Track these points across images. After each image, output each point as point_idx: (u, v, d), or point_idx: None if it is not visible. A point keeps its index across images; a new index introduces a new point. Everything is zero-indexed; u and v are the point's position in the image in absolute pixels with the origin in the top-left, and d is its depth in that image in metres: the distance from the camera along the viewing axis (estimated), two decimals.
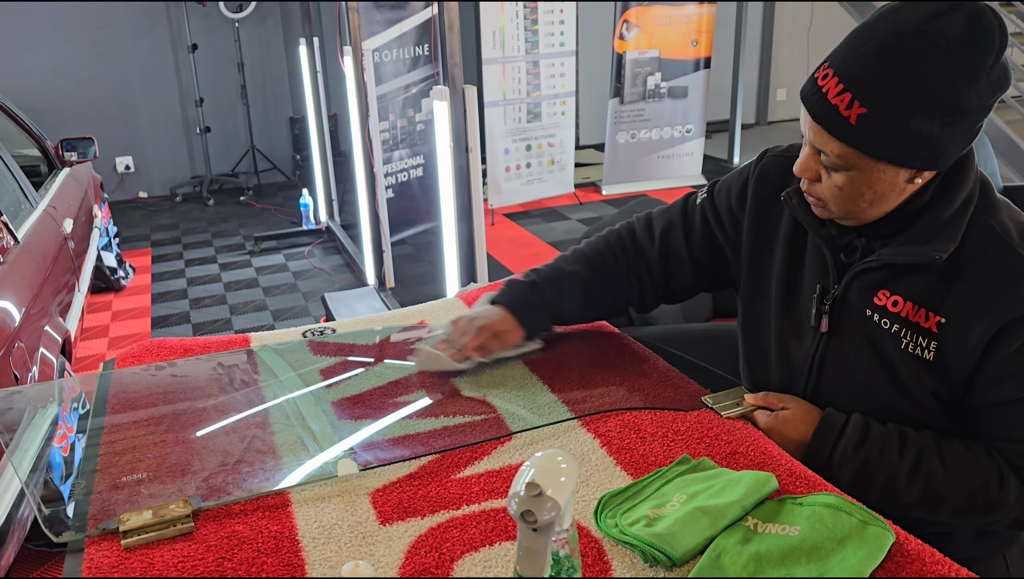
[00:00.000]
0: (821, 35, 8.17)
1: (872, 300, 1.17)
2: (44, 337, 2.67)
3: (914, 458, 1.14)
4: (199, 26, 6.65)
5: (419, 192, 5.02)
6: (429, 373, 1.48)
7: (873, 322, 1.17)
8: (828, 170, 1.12)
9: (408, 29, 4.64)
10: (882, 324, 1.16)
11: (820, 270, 1.24)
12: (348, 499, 1.13)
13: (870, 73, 1.03)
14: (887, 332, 1.16)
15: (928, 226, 1.12)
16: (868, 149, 1.06)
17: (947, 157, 1.08)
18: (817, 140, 1.10)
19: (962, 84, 1.02)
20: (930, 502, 1.14)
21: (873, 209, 1.13)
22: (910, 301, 1.13)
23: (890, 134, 1.04)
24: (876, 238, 1.18)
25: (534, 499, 0.77)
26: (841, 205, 1.13)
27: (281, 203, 6.68)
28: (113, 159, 6.77)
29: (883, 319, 1.16)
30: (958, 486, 1.13)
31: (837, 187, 1.11)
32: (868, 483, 1.16)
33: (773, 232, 1.32)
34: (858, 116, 1.04)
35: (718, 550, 0.97)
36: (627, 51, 6.09)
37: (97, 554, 1.03)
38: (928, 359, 1.12)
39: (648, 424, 1.28)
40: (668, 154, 6.52)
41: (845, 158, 1.08)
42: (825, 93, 1.07)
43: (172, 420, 1.33)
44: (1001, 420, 1.12)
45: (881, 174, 1.08)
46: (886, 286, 1.16)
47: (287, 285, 4.92)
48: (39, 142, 4.06)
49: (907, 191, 1.12)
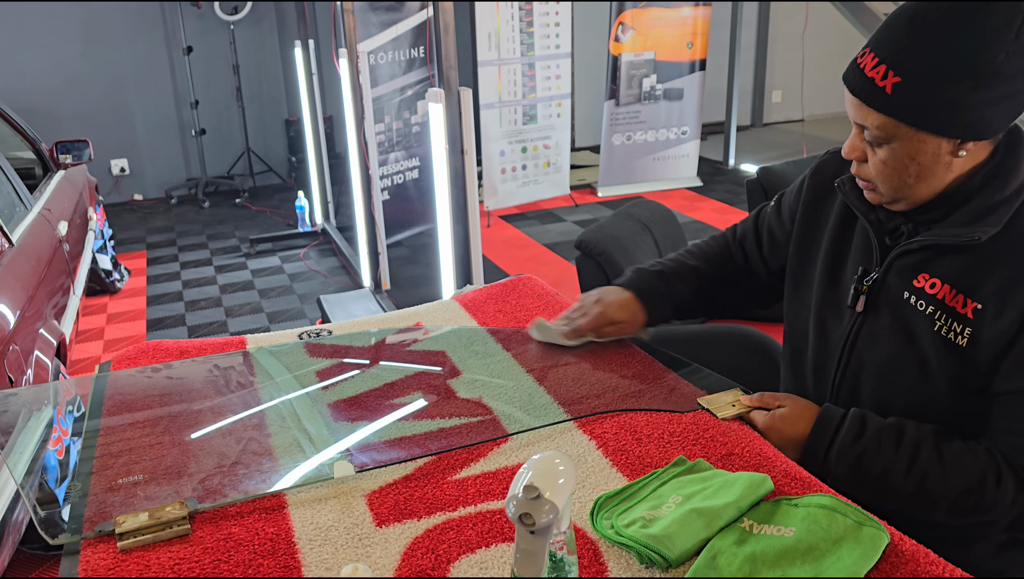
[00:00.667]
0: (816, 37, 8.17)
1: (911, 282, 1.17)
2: (39, 340, 2.66)
3: (911, 452, 1.14)
4: (194, 28, 6.65)
5: (415, 194, 5.02)
6: (425, 375, 1.48)
7: (909, 305, 1.17)
8: (872, 147, 1.14)
9: (403, 31, 4.64)
10: (918, 306, 1.16)
11: (864, 253, 1.25)
12: (344, 501, 1.13)
13: (901, 42, 1.07)
14: (922, 313, 1.16)
15: (975, 210, 1.12)
16: (905, 117, 1.08)
17: (986, 125, 1.08)
18: (858, 116, 1.12)
19: (989, 44, 1.02)
20: (926, 497, 1.14)
21: (920, 185, 1.13)
22: (948, 284, 1.13)
23: (924, 100, 1.06)
24: (923, 223, 1.19)
25: (532, 502, 0.77)
26: (888, 181, 1.14)
27: (277, 205, 6.68)
28: (108, 161, 6.76)
29: (919, 301, 1.16)
30: (954, 482, 1.12)
31: (882, 162, 1.13)
32: (864, 476, 1.16)
33: (824, 221, 1.34)
34: (893, 85, 1.07)
35: (714, 551, 0.97)
36: (622, 53, 6.10)
37: (93, 556, 1.03)
38: (960, 345, 1.12)
39: (644, 426, 1.28)
40: (664, 156, 6.53)
41: (885, 129, 1.10)
42: (862, 69, 1.10)
43: (168, 422, 1.33)
44: (1011, 411, 1.11)
45: (922, 145, 1.09)
46: (926, 269, 1.16)
47: (283, 287, 4.92)
48: (34, 145, 4.05)
49: (954, 167, 1.11)
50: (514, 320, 1.72)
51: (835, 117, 9.03)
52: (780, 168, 3.43)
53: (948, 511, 1.14)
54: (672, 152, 6.54)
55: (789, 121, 8.84)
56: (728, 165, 7.28)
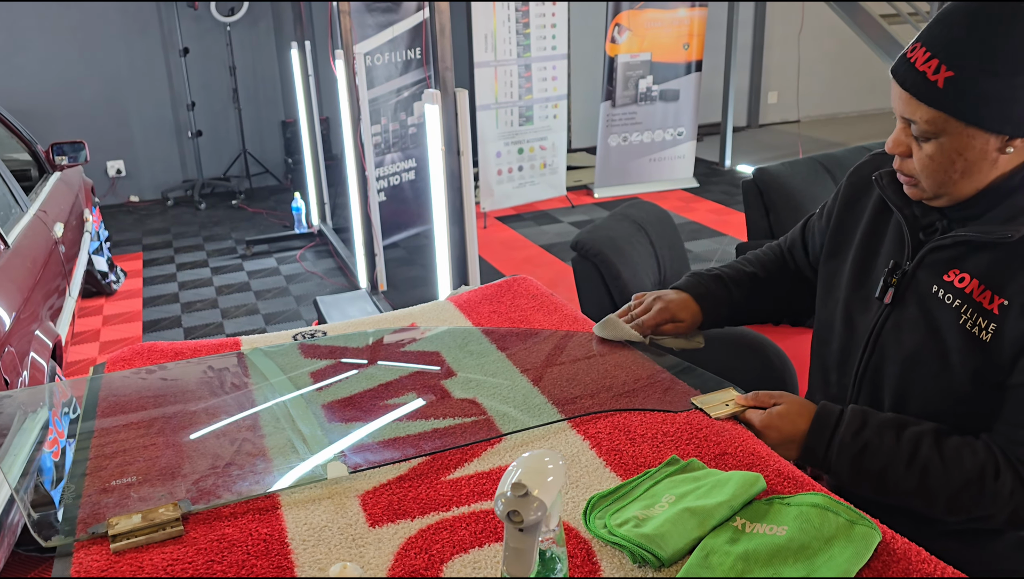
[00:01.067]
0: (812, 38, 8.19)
1: (941, 277, 1.18)
2: (34, 341, 2.66)
3: (912, 447, 1.15)
4: (190, 29, 6.65)
5: (411, 195, 5.02)
6: (419, 375, 1.48)
7: (937, 298, 1.18)
8: (919, 141, 1.13)
9: (400, 33, 4.64)
10: (945, 299, 1.17)
11: (896, 247, 1.26)
12: (338, 501, 1.13)
13: (955, 37, 1.06)
14: (948, 307, 1.16)
15: (1011, 208, 1.13)
16: (956, 111, 1.08)
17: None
18: (906, 109, 1.12)
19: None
20: (926, 492, 1.14)
21: (964, 181, 1.13)
22: (976, 280, 1.14)
23: (976, 95, 1.06)
24: (959, 220, 1.19)
25: (520, 499, 0.77)
26: (932, 177, 1.14)
27: (273, 207, 6.68)
28: (104, 163, 6.75)
29: (947, 294, 1.16)
30: (954, 476, 1.13)
31: (928, 157, 1.13)
32: (866, 471, 1.17)
33: (859, 217, 1.35)
34: (945, 79, 1.07)
35: (706, 550, 0.98)
36: (619, 54, 6.11)
37: (86, 558, 1.03)
38: (984, 340, 1.12)
39: (637, 425, 1.28)
40: (660, 157, 6.53)
41: (934, 123, 1.10)
42: (913, 63, 1.10)
43: (162, 424, 1.33)
44: (1017, 404, 1.12)
45: (971, 140, 1.09)
46: (957, 264, 1.17)
47: (279, 289, 4.92)
48: (30, 146, 4.04)
49: (999, 164, 1.12)
50: (509, 321, 1.73)
51: (831, 118, 9.05)
52: (776, 169, 3.44)
53: (947, 505, 1.15)
54: (668, 153, 6.54)
55: (785, 122, 8.85)
56: (724, 166, 7.29)
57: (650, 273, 2.78)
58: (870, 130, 8.11)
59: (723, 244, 5.31)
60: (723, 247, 5.24)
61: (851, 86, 8.93)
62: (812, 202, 3.39)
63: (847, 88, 8.94)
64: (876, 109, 9.18)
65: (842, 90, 8.96)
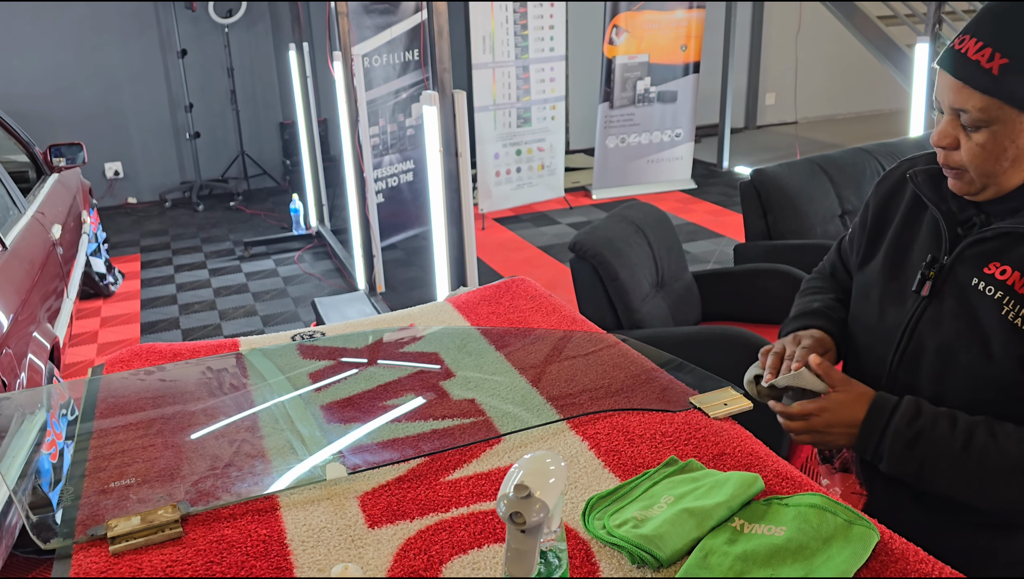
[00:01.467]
0: (810, 39, 8.21)
1: (982, 270, 1.18)
2: (32, 343, 2.66)
3: (966, 434, 1.14)
4: (188, 31, 6.64)
5: (409, 197, 5.02)
6: (418, 376, 1.48)
7: (977, 290, 1.18)
8: (968, 132, 1.13)
9: (398, 34, 4.65)
10: (986, 291, 1.17)
11: (933, 242, 1.26)
12: (337, 502, 1.13)
13: (1010, 26, 1.08)
14: (990, 298, 1.16)
15: None
16: (1010, 98, 1.09)
17: None
18: (958, 99, 1.12)
19: None
20: (980, 478, 1.13)
21: (1013, 171, 1.14)
22: (1018, 272, 1.14)
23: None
24: (998, 214, 1.19)
25: (523, 501, 0.77)
26: (981, 166, 1.14)
27: (271, 208, 6.67)
28: (102, 165, 6.75)
29: (988, 287, 1.17)
30: (1007, 460, 1.12)
31: (979, 146, 1.13)
32: (919, 458, 1.16)
33: (891, 217, 1.36)
34: (1000, 67, 1.08)
35: (705, 551, 0.98)
36: (616, 56, 6.11)
37: (85, 560, 1.02)
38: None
39: (636, 426, 1.29)
40: (658, 158, 6.54)
41: (988, 111, 1.10)
42: (965, 53, 1.11)
43: (161, 425, 1.33)
44: None
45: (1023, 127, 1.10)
46: (998, 257, 1.17)
47: (277, 290, 4.92)
48: (27, 148, 4.04)
49: None
50: (507, 322, 1.73)
51: (828, 119, 9.06)
52: (773, 170, 3.45)
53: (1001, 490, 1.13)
54: (666, 154, 6.55)
55: (783, 123, 8.86)
56: (722, 167, 7.29)
57: (648, 274, 2.78)
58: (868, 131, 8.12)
59: (721, 245, 5.31)
60: (721, 248, 5.25)
61: (849, 88, 8.94)
62: (809, 203, 3.40)
63: (845, 90, 8.95)
64: (874, 110, 9.19)
65: (840, 92, 8.97)
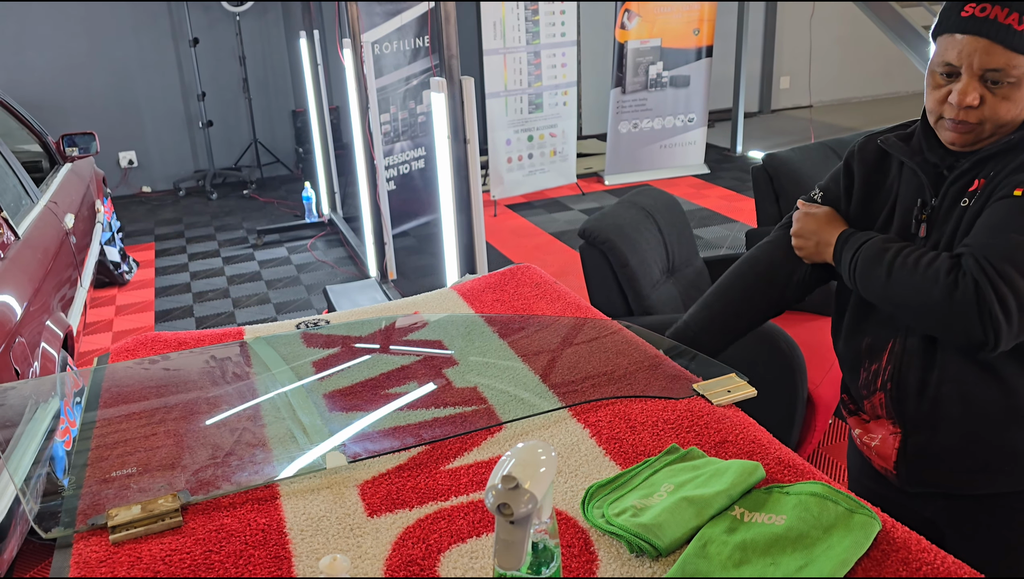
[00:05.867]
0: (824, 22, 8.11)
1: (967, 191, 1.28)
2: (45, 332, 2.67)
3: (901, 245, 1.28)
4: (200, 20, 6.65)
5: (421, 184, 5.01)
6: (421, 364, 1.48)
7: (964, 208, 1.27)
8: (992, 91, 1.22)
9: (408, 21, 4.63)
10: (972, 206, 1.26)
11: (916, 189, 1.34)
12: (337, 491, 1.13)
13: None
14: (974, 210, 1.25)
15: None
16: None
17: None
18: (990, 61, 1.20)
19: None
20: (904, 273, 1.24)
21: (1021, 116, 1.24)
22: (983, 179, 1.25)
23: None
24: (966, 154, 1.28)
25: (511, 492, 0.77)
26: (1003, 117, 1.23)
27: (284, 196, 6.68)
28: (116, 154, 6.77)
29: (970, 201, 1.27)
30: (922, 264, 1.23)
31: (1006, 100, 1.22)
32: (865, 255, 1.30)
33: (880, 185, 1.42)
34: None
35: (704, 540, 0.97)
36: (628, 40, 6.06)
37: (85, 549, 1.03)
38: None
39: (638, 413, 1.28)
40: (670, 143, 6.49)
41: (1021, 67, 1.20)
42: (994, 19, 1.19)
43: (163, 414, 1.34)
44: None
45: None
46: (978, 175, 1.27)
47: (290, 278, 4.93)
48: (40, 138, 4.06)
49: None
50: (512, 309, 1.72)
51: (844, 103, 8.97)
52: (786, 155, 3.41)
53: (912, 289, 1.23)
54: (679, 139, 6.50)
55: (797, 107, 8.78)
56: (735, 152, 7.23)
57: (658, 260, 2.77)
58: (884, 115, 8.03)
59: (734, 230, 5.28)
60: (734, 233, 5.21)
61: (864, 71, 8.84)
62: None
63: (860, 73, 8.85)
64: (890, 94, 9.08)
65: (855, 75, 8.87)
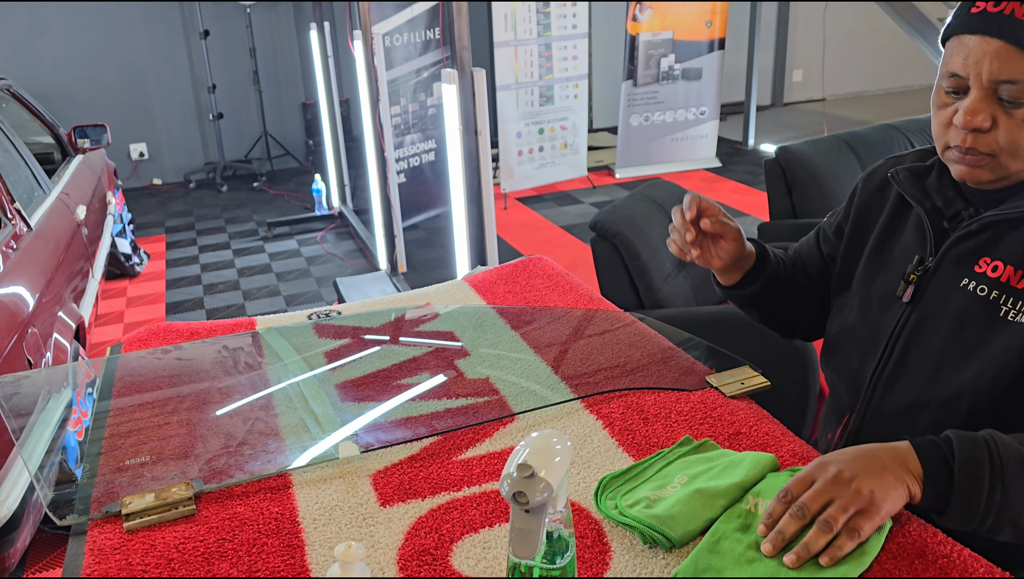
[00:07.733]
0: (838, 15, 8.07)
1: (972, 268, 1.09)
2: (57, 323, 2.69)
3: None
4: (210, 12, 6.65)
5: (431, 177, 5.01)
6: (432, 355, 1.48)
7: (967, 292, 1.09)
8: (1008, 110, 1.02)
9: (419, 12, 4.62)
10: (978, 292, 1.08)
11: (918, 242, 1.17)
12: (349, 481, 1.13)
13: None
14: (983, 299, 1.07)
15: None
16: None
17: None
18: (1005, 69, 1.00)
19: None
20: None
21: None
22: (1011, 266, 1.05)
23: None
24: (987, 205, 1.10)
25: (526, 480, 0.76)
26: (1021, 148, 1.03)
27: (294, 189, 6.69)
28: (127, 146, 6.80)
29: (980, 286, 1.08)
30: None
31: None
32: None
33: (875, 217, 1.27)
34: None
35: (717, 535, 0.96)
36: (640, 33, 6.04)
37: (100, 537, 1.03)
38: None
39: (651, 405, 1.27)
40: (682, 136, 6.47)
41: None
42: (1010, 14, 0.99)
43: (176, 403, 1.34)
44: None
45: None
46: (987, 252, 1.08)
47: (300, 270, 4.94)
48: (52, 130, 4.07)
49: None
50: (524, 301, 1.72)
51: (856, 96, 8.92)
52: (798, 148, 3.39)
53: None
54: (691, 132, 6.48)
55: (810, 101, 8.73)
56: (748, 145, 7.20)
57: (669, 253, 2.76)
58: (898, 108, 7.98)
59: (745, 224, 5.26)
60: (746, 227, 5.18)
61: (878, 64, 8.78)
62: (835, 181, 3.34)
63: (874, 66, 8.80)
64: (904, 87, 9.03)
65: (868, 68, 8.81)
